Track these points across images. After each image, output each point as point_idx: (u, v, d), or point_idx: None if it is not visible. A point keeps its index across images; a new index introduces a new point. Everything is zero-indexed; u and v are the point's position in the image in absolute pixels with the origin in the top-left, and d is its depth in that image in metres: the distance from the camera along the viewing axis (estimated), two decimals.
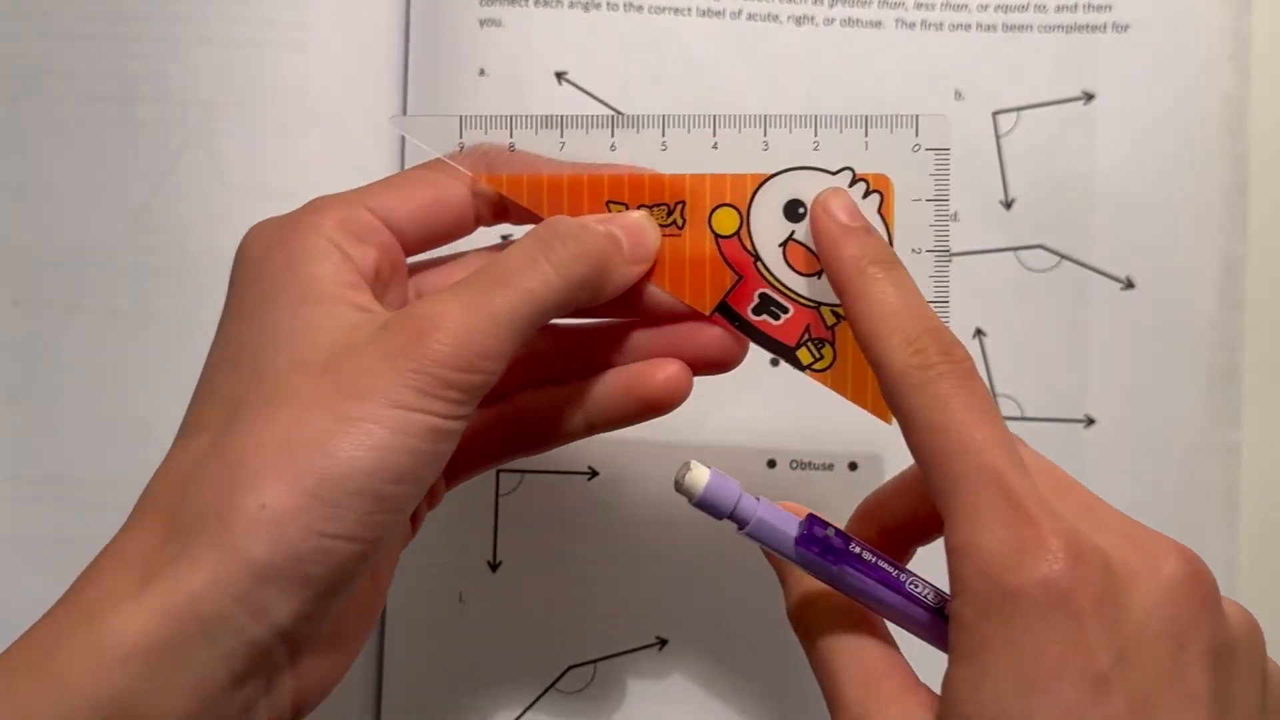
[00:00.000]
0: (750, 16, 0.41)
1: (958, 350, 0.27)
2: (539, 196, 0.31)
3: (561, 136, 0.31)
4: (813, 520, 0.27)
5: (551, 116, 0.31)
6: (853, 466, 0.40)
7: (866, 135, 0.31)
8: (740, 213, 0.31)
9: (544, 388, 0.32)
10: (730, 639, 0.40)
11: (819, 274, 0.31)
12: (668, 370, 0.31)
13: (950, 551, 0.25)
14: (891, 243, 0.31)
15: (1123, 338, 0.41)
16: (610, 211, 0.31)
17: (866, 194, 0.31)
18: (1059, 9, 0.41)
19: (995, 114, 0.41)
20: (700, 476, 0.28)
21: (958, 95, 0.41)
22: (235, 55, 0.41)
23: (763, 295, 0.31)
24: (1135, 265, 0.41)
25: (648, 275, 0.31)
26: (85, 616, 0.24)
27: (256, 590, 0.24)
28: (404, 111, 0.42)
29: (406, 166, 0.42)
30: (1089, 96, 0.41)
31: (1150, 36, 0.41)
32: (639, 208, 0.31)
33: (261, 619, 0.24)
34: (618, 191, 0.31)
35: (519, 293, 0.27)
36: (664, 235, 0.31)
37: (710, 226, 0.31)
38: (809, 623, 0.28)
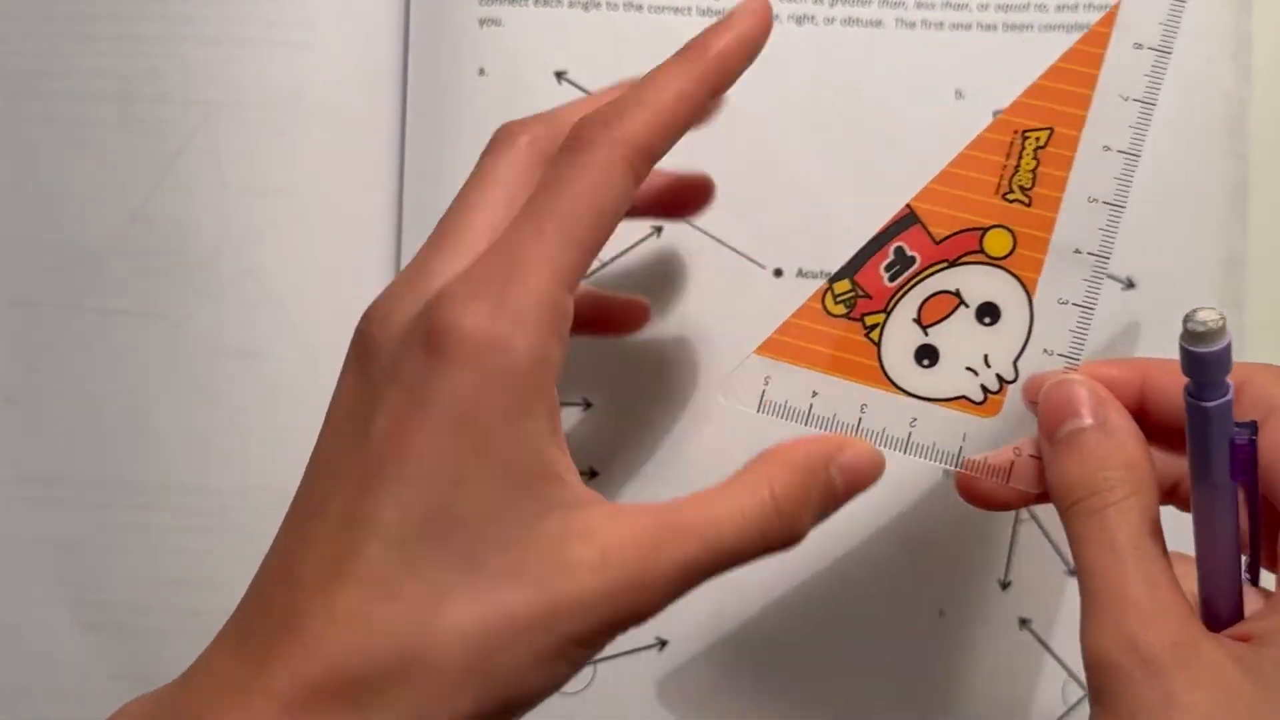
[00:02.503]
0: None
1: None
2: None
3: None
4: (1255, 427, 0.26)
5: None
6: None
7: None
8: (1012, 236, 0.30)
9: None
10: (730, 639, 0.40)
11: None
12: None
13: None
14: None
15: (1123, 338, 0.41)
16: None
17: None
18: (1059, 9, 0.41)
19: (995, 114, 0.41)
20: (1227, 331, 0.24)
21: (958, 95, 0.41)
22: (235, 55, 0.41)
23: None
24: (1135, 265, 0.40)
25: None
26: None
27: None
28: (404, 112, 0.42)
29: (407, 167, 0.41)
30: None
31: None
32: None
33: None
34: None
35: (702, 549, 0.27)
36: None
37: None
38: (1105, 503, 0.27)
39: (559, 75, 0.41)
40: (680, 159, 0.41)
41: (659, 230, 0.41)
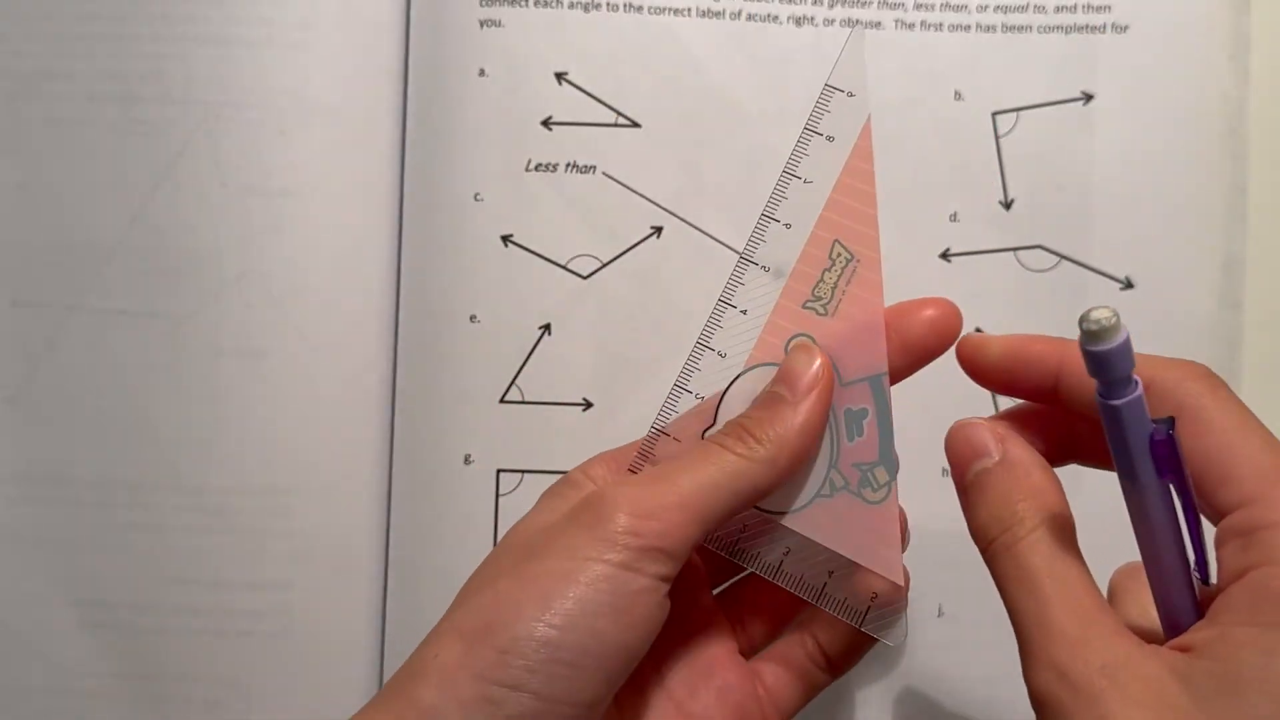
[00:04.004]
0: (750, 16, 0.41)
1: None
2: None
3: None
4: (1173, 422, 0.25)
5: None
6: None
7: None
8: None
9: None
10: None
11: None
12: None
13: (1265, 527, 0.24)
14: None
15: None
16: None
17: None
18: (1059, 9, 0.41)
19: (995, 114, 0.41)
20: (1121, 327, 0.24)
21: (957, 95, 0.41)
22: (235, 55, 0.41)
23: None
24: (1135, 265, 0.41)
25: None
26: None
27: None
28: (404, 112, 0.42)
29: (407, 167, 0.42)
30: (1088, 97, 0.41)
31: (1150, 36, 0.41)
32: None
33: None
34: None
35: (701, 480, 0.29)
36: None
37: None
38: (1016, 538, 0.27)
39: (559, 76, 0.41)
40: (681, 159, 0.41)
41: (659, 230, 0.41)
